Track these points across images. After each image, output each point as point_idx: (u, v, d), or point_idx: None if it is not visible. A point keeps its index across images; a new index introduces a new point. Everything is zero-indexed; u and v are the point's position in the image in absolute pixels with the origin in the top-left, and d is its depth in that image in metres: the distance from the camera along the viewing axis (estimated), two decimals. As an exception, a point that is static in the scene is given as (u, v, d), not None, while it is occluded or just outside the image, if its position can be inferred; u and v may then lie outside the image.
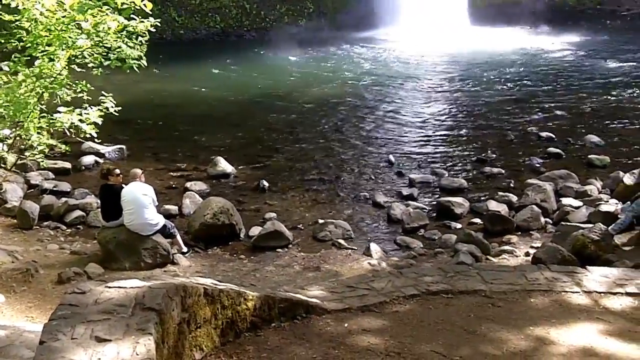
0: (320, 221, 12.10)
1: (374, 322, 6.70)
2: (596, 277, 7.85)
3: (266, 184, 13.90)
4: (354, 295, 7.29)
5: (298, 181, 14.43)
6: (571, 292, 7.43)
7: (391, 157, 15.70)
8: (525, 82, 23.42)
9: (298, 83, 23.38)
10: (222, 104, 20.55)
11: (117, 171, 10.91)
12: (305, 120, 19.00)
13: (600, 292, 7.46)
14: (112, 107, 11.65)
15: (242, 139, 17.32)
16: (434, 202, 13.16)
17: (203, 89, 22.29)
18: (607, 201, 12.56)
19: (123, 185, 10.62)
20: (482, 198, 13.36)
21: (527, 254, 10.57)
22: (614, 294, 7.45)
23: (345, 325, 6.60)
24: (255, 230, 11.63)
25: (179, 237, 10.93)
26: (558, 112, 19.47)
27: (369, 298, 7.19)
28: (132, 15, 10.62)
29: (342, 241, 11.39)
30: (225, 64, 26.13)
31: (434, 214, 12.77)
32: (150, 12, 10.40)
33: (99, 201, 11.53)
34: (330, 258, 10.75)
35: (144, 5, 9.80)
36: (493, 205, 12.65)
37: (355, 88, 22.68)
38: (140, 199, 10.36)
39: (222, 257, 10.89)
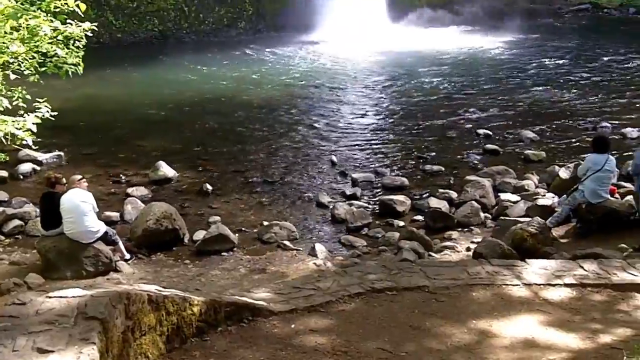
0: (265, 223, 12.09)
1: (320, 321, 6.76)
2: (535, 269, 8.06)
3: (209, 187, 13.82)
4: (300, 296, 7.33)
5: (242, 184, 14.38)
6: (512, 285, 7.62)
7: (333, 158, 15.79)
8: (461, 80, 23.83)
9: (238, 86, 23.27)
10: (162, 108, 20.31)
11: (64, 180, 10.71)
12: (246, 122, 18.93)
13: (539, 284, 7.66)
14: (47, 112, 11.40)
15: (183, 142, 17.16)
16: (377, 201, 13.28)
17: (142, 93, 21.99)
18: (544, 195, 12.88)
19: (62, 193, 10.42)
20: (423, 195, 13.55)
21: (468, 249, 10.77)
22: (553, 285, 7.67)
23: (292, 326, 6.64)
24: (200, 235, 11.54)
25: (121, 244, 10.78)
26: (494, 110, 19.90)
27: (315, 298, 7.24)
28: (67, 20, 10.41)
29: (287, 242, 11.41)
30: (165, 67, 25.87)
31: (377, 213, 12.88)
32: (87, 16, 10.22)
33: (38, 210, 11.29)
34: (275, 260, 10.76)
35: (77, 6, 9.60)
36: (434, 202, 12.85)
37: (295, 90, 22.70)
38: (79, 206, 10.18)
39: (166, 263, 10.78)
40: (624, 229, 10.67)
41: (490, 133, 17.40)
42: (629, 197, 11.42)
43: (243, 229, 12.11)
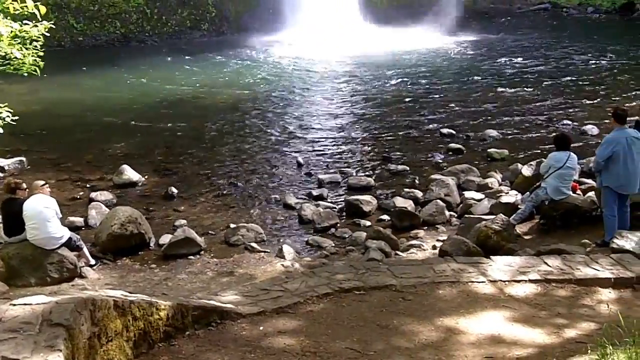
0: (232, 226, 12.04)
1: (289, 323, 6.76)
2: (500, 266, 8.15)
3: (175, 190, 13.73)
4: (268, 298, 7.33)
5: (208, 186, 14.31)
6: (477, 282, 7.69)
7: (300, 159, 15.81)
8: (425, 80, 24.03)
9: (202, 88, 23.17)
10: (126, 111, 20.13)
11: (25, 185, 10.56)
12: (212, 125, 18.86)
13: (504, 281, 7.75)
14: (8, 117, 11.24)
15: (148, 146, 17.02)
16: (343, 201, 13.33)
17: (105, 97, 21.77)
18: (508, 193, 13.02)
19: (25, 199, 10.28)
20: (389, 195, 13.63)
21: (434, 247, 10.86)
22: (518, 281, 7.76)
23: (261, 328, 6.63)
24: (166, 239, 11.46)
25: (85, 250, 10.66)
26: (458, 109, 20.10)
27: (283, 299, 7.24)
28: (25, 21, 10.28)
29: (254, 244, 11.38)
30: (128, 70, 25.64)
31: (344, 213, 12.93)
32: (47, 19, 10.10)
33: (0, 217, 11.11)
34: (243, 262, 10.73)
35: (36, 8, 9.48)
36: (400, 202, 12.93)
37: (259, 92, 22.68)
38: (42, 212, 10.04)
39: (132, 268, 10.69)
40: (587, 225, 10.83)
41: (454, 132, 17.57)
42: (591, 193, 11.58)
43: (210, 231, 12.06)
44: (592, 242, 10.03)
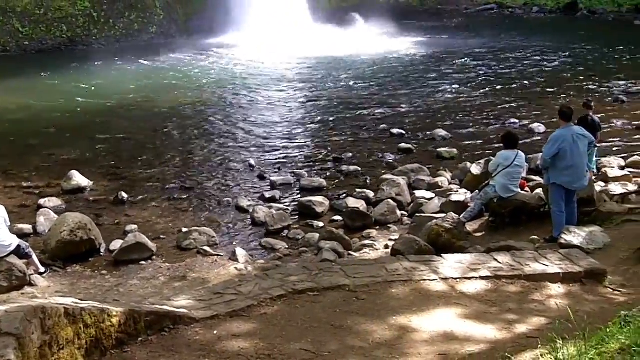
0: (184, 230, 11.96)
1: (243, 326, 6.75)
2: (451, 264, 8.25)
3: (125, 195, 13.56)
4: (221, 302, 7.30)
5: (159, 190, 14.18)
6: (429, 280, 7.77)
7: (252, 161, 15.78)
8: (374, 81, 24.22)
9: (151, 92, 22.91)
10: (73, 116, 19.82)
11: None
12: (160, 129, 18.68)
13: (456, 278, 7.84)
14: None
15: (96, 151, 16.77)
16: (296, 203, 13.35)
17: (52, 102, 21.37)
18: (457, 191, 13.23)
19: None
20: (341, 196, 13.70)
21: (386, 247, 10.95)
22: (469, 278, 7.86)
23: (215, 332, 6.60)
24: (117, 244, 11.32)
25: (34, 257, 10.46)
26: (407, 109, 20.32)
27: (236, 303, 7.22)
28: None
29: (207, 248, 11.32)
30: (75, 74, 25.23)
31: (297, 215, 12.96)
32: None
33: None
34: (196, 266, 10.67)
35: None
36: (352, 202, 13.01)
37: (209, 95, 22.55)
38: (-11, 220, 9.85)
39: (83, 275, 10.53)
40: (535, 221, 11.04)
41: (404, 132, 17.76)
42: (539, 190, 11.82)
43: (161, 236, 11.95)
44: (541, 238, 10.22)
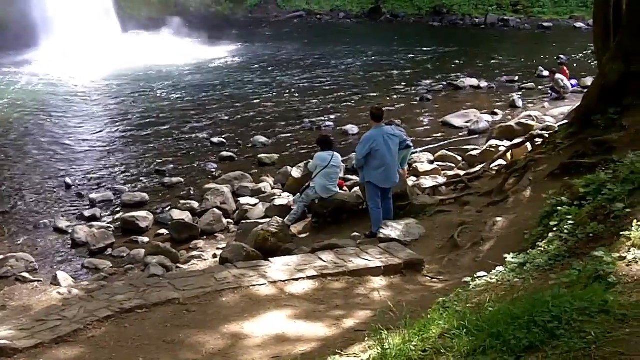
0: (0, 257, 11.25)
1: (69, 352, 6.49)
2: (279, 266, 8.40)
3: None
4: (45, 329, 6.96)
5: (-34, 218, 13.23)
6: (258, 284, 7.86)
7: (68, 180, 15.13)
8: (189, 92, 24.00)
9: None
10: None
11: None
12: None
13: (284, 280, 7.99)
14: None
15: None
16: (118, 220, 13.00)
17: None
18: (280, 195, 13.50)
19: None
20: (165, 208, 13.52)
21: (214, 256, 10.95)
22: (296, 279, 8.04)
23: (40, 361, 6.30)
24: None
25: None
26: (225, 118, 20.39)
27: (61, 328, 6.92)
28: None
29: (26, 274, 10.75)
30: None
31: (120, 232, 12.62)
32: None
33: None
34: (15, 294, 10.06)
35: None
36: (176, 214, 12.87)
37: (13, 115, 20.96)
38: None
39: None
40: (355, 219, 11.46)
41: (224, 141, 17.81)
42: (356, 189, 12.30)
43: (-26, 266, 11.17)
44: (362, 235, 10.61)
